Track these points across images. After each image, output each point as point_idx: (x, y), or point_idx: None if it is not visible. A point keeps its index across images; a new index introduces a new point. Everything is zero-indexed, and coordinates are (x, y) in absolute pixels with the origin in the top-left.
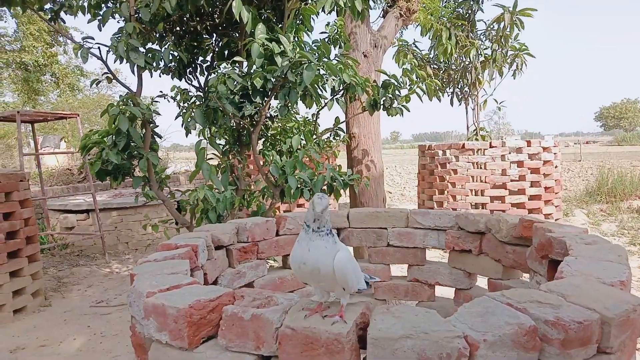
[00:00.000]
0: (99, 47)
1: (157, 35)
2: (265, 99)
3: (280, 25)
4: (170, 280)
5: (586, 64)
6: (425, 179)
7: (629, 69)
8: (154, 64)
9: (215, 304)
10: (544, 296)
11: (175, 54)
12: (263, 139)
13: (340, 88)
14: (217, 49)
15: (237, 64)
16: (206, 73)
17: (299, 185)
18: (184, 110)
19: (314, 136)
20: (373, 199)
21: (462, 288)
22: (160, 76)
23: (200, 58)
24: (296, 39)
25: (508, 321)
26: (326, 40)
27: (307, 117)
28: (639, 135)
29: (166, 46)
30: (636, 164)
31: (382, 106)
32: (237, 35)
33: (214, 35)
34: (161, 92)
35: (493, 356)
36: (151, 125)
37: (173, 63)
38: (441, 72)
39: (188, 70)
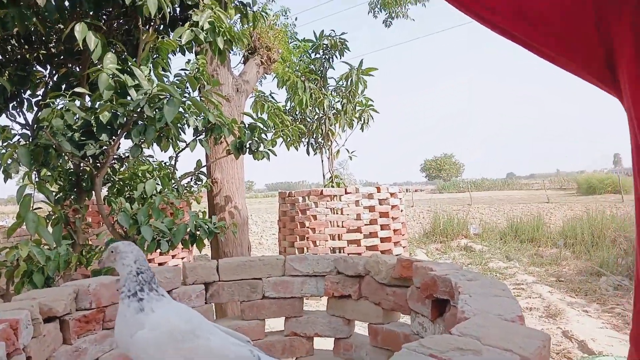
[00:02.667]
0: None
1: None
2: (114, 137)
3: (134, 59)
4: None
5: (412, 121)
6: (286, 225)
7: (446, 128)
8: None
9: None
10: (462, 341)
11: None
12: (109, 184)
13: (204, 128)
14: (51, 82)
15: (78, 97)
16: (36, 109)
17: (155, 236)
18: (4, 150)
19: (172, 181)
20: (238, 247)
21: (342, 337)
22: None
23: (29, 92)
24: (152, 74)
25: None
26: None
27: (162, 161)
28: (455, 184)
29: None
30: (456, 209)
31: (248, 149)
32: (79, 68)
33: (49, 66)
34: None
35: None
36: None
37: None
38: (297, 122)
39: (11, 105)
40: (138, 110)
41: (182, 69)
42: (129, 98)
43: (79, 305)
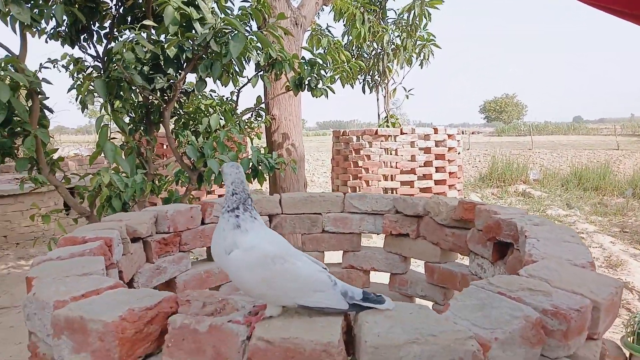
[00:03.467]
0: None
1: None
2: (180, 71)
3: None
4: (85, 283)
5: (472, 60)
6: (339, 164)
7: (509, 66)
8: (42, 23)
9: (154, 313)
10: (532, 282)
11: (70, 12)
12: (175, 118)
13: (266, 64)
14: (117, 15)
15: (145, 29)
16: (105, 41)
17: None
18: (79, 82)
19: (234, 116)
20: (294, 184)
21: (398, 273)
22: (47, 42)
23: (97, 24)
24: (216, 5)
25: (512, 314)
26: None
27: (223, 96)
28: (515, 126)
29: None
30: (515, 152)
31: (307, 86)
32: None
33: None
34: (49, 58)
35: (503, 356)
36: (40, 96)
37: (64, 27)
38: (353, 59)
39: (82, 37)
40: (204, 44)
41: (243, 1)
42: (194, 32)
43: (158, 229)
